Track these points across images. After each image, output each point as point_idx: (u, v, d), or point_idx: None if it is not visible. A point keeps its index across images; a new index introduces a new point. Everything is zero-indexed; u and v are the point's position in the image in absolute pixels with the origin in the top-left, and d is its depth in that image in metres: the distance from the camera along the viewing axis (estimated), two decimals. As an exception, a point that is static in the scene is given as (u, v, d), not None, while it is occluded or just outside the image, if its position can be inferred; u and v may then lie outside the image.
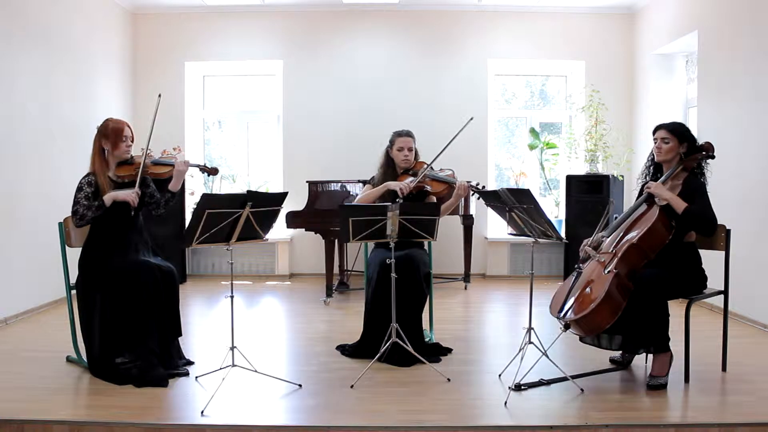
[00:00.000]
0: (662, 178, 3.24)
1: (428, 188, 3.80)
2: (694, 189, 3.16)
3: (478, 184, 3.66)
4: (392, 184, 3.77)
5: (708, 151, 3.21)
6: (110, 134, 3.38)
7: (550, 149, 6.78)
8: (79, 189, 3.33)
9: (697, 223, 3.11)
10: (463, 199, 5.65)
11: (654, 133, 3.30)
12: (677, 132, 3.22)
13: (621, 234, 3.22)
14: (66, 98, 5.37)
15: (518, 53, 6.69)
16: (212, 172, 3.56)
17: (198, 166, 3.56)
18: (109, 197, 3.29)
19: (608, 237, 3.27)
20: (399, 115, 6.43)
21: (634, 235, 3.11)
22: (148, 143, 3.48)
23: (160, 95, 3.45)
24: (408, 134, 3.93)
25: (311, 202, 5.39)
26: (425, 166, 3.83)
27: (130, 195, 3.31)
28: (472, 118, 3.79)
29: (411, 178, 3.81)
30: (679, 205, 3.08)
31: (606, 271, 3.07)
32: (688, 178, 3.22)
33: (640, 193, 3.37)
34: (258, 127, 7.23)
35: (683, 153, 3.22)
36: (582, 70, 6.69)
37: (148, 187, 3.53)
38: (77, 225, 3.33)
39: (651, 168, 3.39)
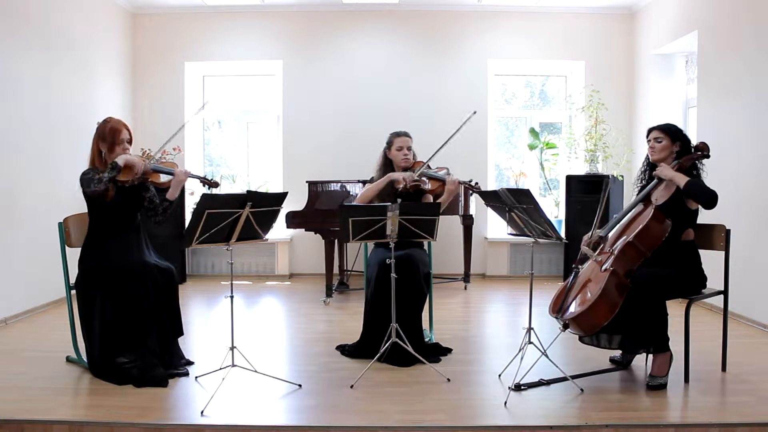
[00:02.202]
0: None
1: (425, 186, 3.82)
2: None
3: (471, 181, 3.81)
4: (395, 175, 3.80)
5: (703, 150, 3.25)
6: (107, 136, 3.34)
7: (549, 149, 6.78)
8: (85, 174, 3.28)
9: (699, 193, 3.09)
10: (462, 198, 5.71)
11: (647, 135, 3.38)
12: (669, 131, 3.30)
13: (618, 233, 3.25)
14: (66, 98, 5.37)
15: (518, 53, 6.70)
16: (213, 185, 3.45)
17: (198, 177, 3.49)
18: (121, 158, 3.28)
19: (605, 236, 3.29)
20: (399, 115, 6.43)
21: (630, 233, 3.14)
22: (163, 146, 3.50)
23: (204, 104, 3.45)
24: (406, 134, 3.96)
25: (311, 202, 5.39)
26: (423, 163, 3.87)
27: (140, 162, 3.32)
28: (475, 112, 3.86)
29: (411, 173, 3.83)
30: (681, 180, 3.12)
31: (603, 269, 3.09)
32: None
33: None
34: (258, 127, 7.23)
35: (677, 152, 3.27)
36: (582, 70, 6.69)
37: (149, 191, 3.51)
38: (96, 188, 3.17)
39: (646, 172, 3.43)
